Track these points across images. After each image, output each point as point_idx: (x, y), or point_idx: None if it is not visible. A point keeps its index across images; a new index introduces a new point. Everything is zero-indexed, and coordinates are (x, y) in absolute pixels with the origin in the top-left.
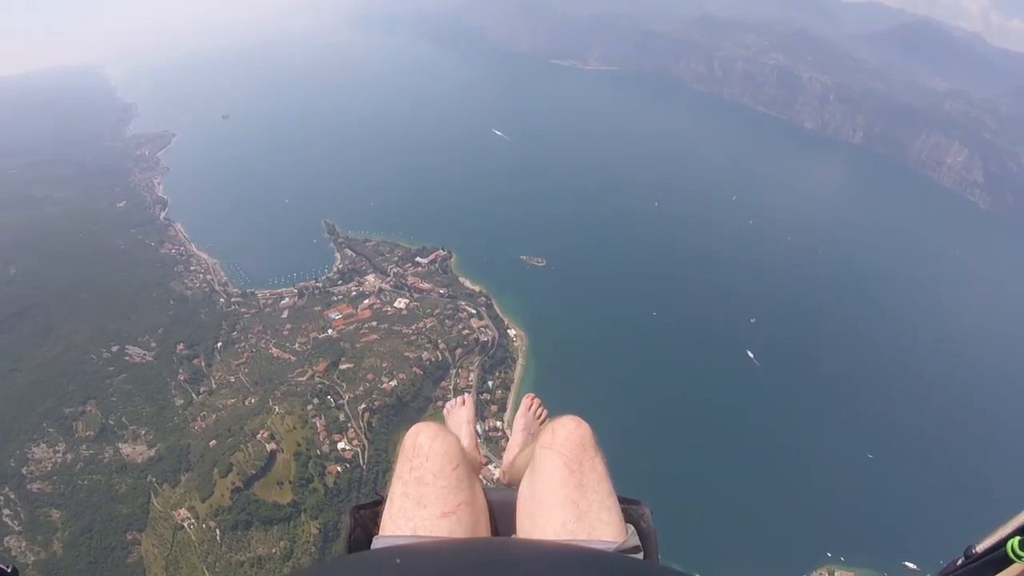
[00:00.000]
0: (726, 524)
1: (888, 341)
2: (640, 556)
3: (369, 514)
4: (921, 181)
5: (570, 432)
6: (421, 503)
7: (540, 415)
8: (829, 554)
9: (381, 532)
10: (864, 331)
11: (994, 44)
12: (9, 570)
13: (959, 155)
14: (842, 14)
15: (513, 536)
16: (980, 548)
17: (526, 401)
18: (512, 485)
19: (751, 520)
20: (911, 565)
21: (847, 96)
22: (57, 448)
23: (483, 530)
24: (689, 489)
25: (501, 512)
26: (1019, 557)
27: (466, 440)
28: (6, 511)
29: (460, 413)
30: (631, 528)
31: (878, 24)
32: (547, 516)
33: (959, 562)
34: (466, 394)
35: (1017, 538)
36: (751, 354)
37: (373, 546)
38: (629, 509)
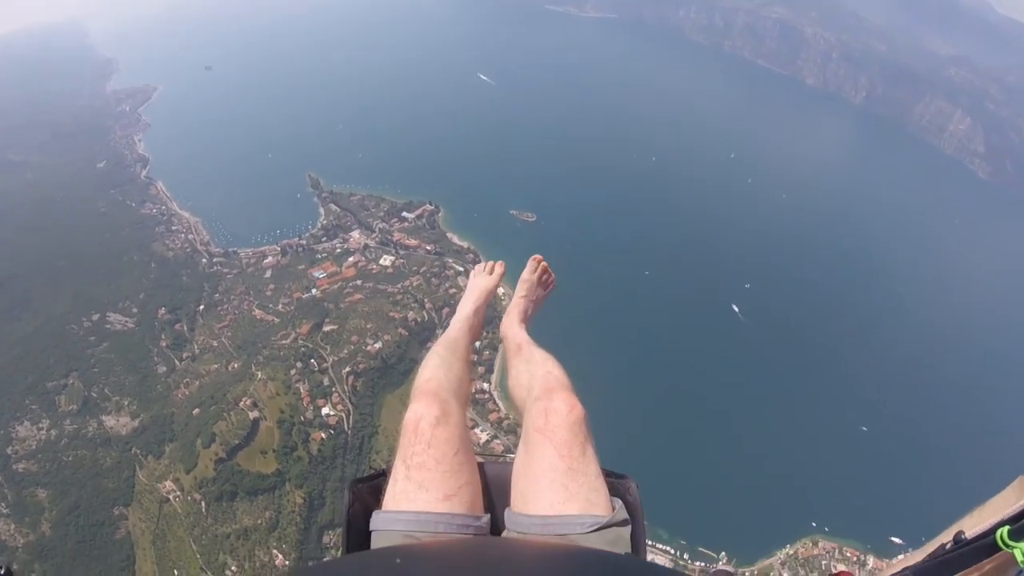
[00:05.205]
0: (708, 489)
1: (885, 307)
2: (628, 529)
3: (367, 488)
4: (921, 146)
5: (562, 419)
6: (423, 487)
7: (546, 281)
8: (814, 524)
9: (384, 508)
10: (860, 296)
11: (1003, 13)
12: (2, 572)
13: (961, 123)
14: None
15: (509, 534)
16: (970, 534)
17: (531, 265)
18: (507, 344)
19: (734, 486)
20: (897, 540)
21: (850, 55)
22: (41, 425)
23: (479, 507)
24: (671, 451)
25: (496, 485)
26: (1007, 546)
27: (472, 305)
28: None
29: (482, 280)
30: (618, 502)
31: None
32: (537, 496)
33: (948, 546)
34: (500, 262)
35: (1006, 527)
36: (736, 308)
37: (372, 521)
38: (615, 483)
